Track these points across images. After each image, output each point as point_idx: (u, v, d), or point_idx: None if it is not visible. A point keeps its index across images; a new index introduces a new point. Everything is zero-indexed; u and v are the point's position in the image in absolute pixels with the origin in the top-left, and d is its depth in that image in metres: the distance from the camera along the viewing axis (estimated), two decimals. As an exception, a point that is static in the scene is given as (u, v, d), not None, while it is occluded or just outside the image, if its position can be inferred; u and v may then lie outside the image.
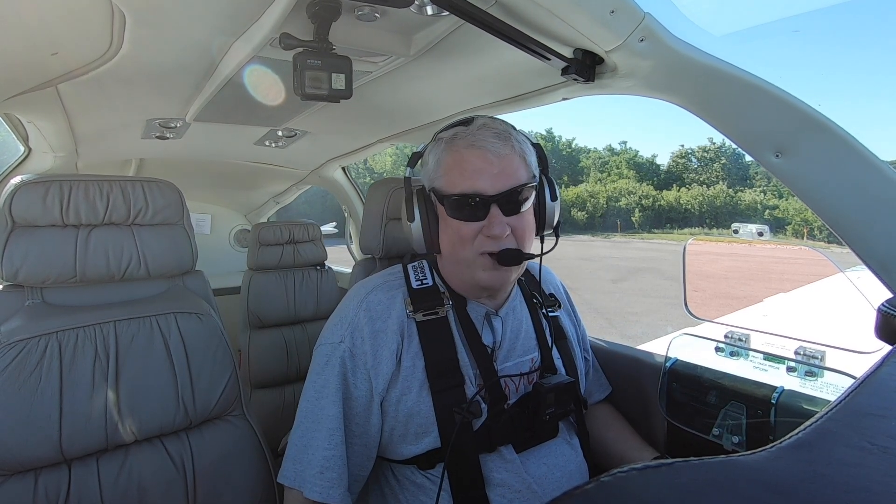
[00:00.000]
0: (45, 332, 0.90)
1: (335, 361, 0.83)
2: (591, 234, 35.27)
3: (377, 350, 0.82)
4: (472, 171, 0.79)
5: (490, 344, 0.87)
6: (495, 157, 0.79)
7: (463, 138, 0.81)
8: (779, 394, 0.91)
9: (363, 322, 0.83)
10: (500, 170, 0.79)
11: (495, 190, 0.79)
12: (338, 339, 0.84)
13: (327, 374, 0.83)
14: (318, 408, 0.81)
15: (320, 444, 0.79)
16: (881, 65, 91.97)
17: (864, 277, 0.87)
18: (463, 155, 0.80)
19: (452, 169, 0.81)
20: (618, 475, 0.26)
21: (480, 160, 0.79)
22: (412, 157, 0.90)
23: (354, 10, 0.87)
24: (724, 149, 41.77)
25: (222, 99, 1.30)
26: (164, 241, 1.11)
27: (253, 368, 2.15)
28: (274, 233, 2.29)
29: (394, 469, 0.86)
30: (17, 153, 1.77)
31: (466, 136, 0.81)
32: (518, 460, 0.83)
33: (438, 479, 0.80)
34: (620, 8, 0.80)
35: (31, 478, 0.86)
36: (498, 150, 0.79)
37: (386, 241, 1.18)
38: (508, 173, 0.80)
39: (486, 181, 0.79)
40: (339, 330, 0.85)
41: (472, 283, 0.85)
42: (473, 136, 0.80)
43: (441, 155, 0.83)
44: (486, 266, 0.81)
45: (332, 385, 0.81)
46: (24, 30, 0.89)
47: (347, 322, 0.85)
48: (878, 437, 0.30)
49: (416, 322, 0.84)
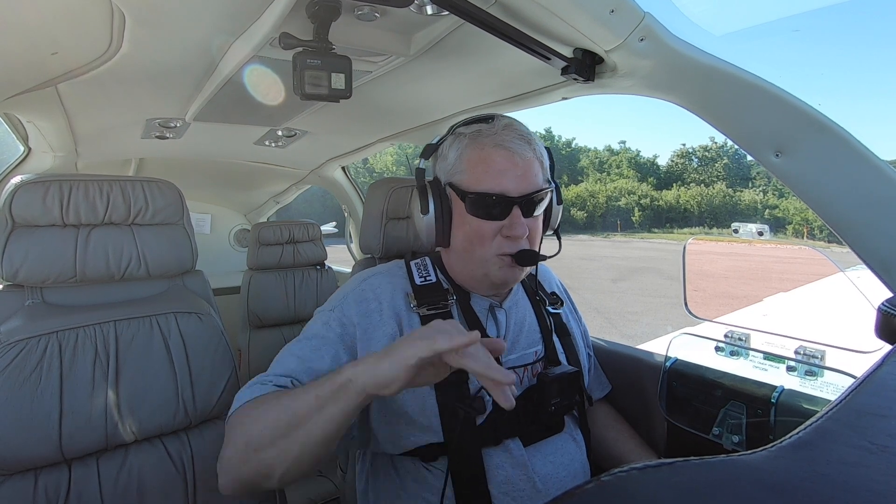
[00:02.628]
0: (45, 332, 0.90)
1: (324, 326, 0.82)
2: (591, 234, 35.28)
3: (368, 327, 0.82)
4: (498, 172, 0.80)
5: (494, 336, 0.87)
6: (520, 159, 0.80)
7: (488, 136, 0.81)
8: (779, 393, 0.91)
9: (357, 299, 0.84)
10: (524, 172, 0.80)
11: (519, 192, 0.80)
12: (330, 307, 0.85)
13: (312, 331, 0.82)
14: (306, 349, 0.79)
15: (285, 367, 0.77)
16: (881, 64, 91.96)
17: (864, 277, 0.87)
18: (489, 153, 0.81)
19: (477, 166, 0.81)
20: (618, 475, 0.26)
21: (506, 161, 0.80)
22: (426, 148, 0.90)
23: (354, 10, 0.87)
24: (725, 148, 41.79)
25: (222, 99, 1.30)
26: (164, 240, 1.11)
27: (253, 368, 2.16)
28: (274, 232, 2.29)
29: (395, 462, 0.86)
30: (17, 153, 1.77)
31: (491, 134, 0.82)
32: (525, 455, 0.82)
33: (440, 472, 0.80)
34: (620, 7, 0.80)
35: (31, 477, 0.86)
36: (523, 152, 0.81)
37: (386, 241, 1.18)
38: (530, 176, 0.81)
39: (511, 182, 0.80)
40: (334, 300, 0.86)
41: (484, 279, 0.85)
42: (499, 136, 0.81)
43: (464, 150, 0.83)
44: (501, 265, 0.82)
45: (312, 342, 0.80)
46: (24, 30, 0.89)
47: (342, 295, 0.86)
48: (879, 436, 0.30)
49: (420, 316, 0.84)
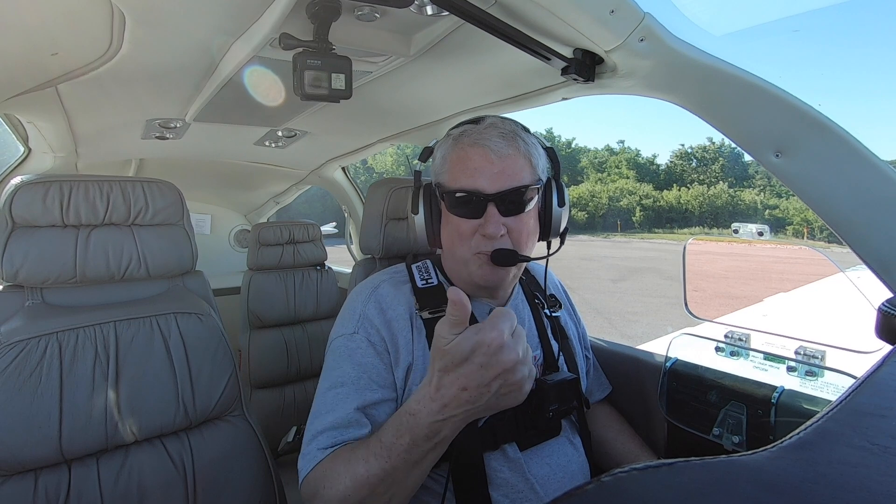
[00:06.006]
0: (45, 333, 0.90)
1: (355, 352, 0.80)
2: (591, 234, 35.28)
3: (394, 336, 0.81)
4: (473, 169, 0.80)
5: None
6: (496, 156, 0.80)
7: (469, 136, 0.82)
8: (779, 394, 0.91)
9: (374, 313, 0.83)
10: (501, 169, 0.79)
11: (493, 189, 0.79)
12: (351, 330, 0.82)
13: (345, 364, 0.79)
14: (336, 396, 0.77)
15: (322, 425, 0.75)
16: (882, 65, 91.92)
17: (864, 277, 0.87)
18: (467, 152, 0.81)
19: (455, 165, 0.82)
20: (618, 475, 0.26)
21: (481, 158, 0.80)
22: (423, 151, 0.91)
23: (354, 10, 0.87)
24: (723, 149, 41.78)
25: (222, 99, 1.30)
26: (164, 241, 1.11)
27: (253, 368, 2.15)
28: (274, 233, 2.29)
29: None
30: (17, 153, 1.77)
31: (472, 133, 0.82)
32: (522, 459, 0.82)
33: (441, 477, 0.80)
34: (620, 8, 0.80)
35: (31, 478, 0.86)
36: (500, 149, 0.80)
37: (386, 241, 1.18)
38: (509, 174, 0.80)
39: (485, 179, 0.79)
40: (351, 323, 0.83)
41: (469, 280, 0.85)
42: (479, 135, 0.81)
43: (447, 151, 0.84)
44: (480, 264, 0.81)
45: (351, 373, 0.78)
46: (24, 30, 0.89)
47: (357, 315, 0.84)
48: (879, 437, 0.30)
49: (423, 319, 0.84)
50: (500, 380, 0.59)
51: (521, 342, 0.61)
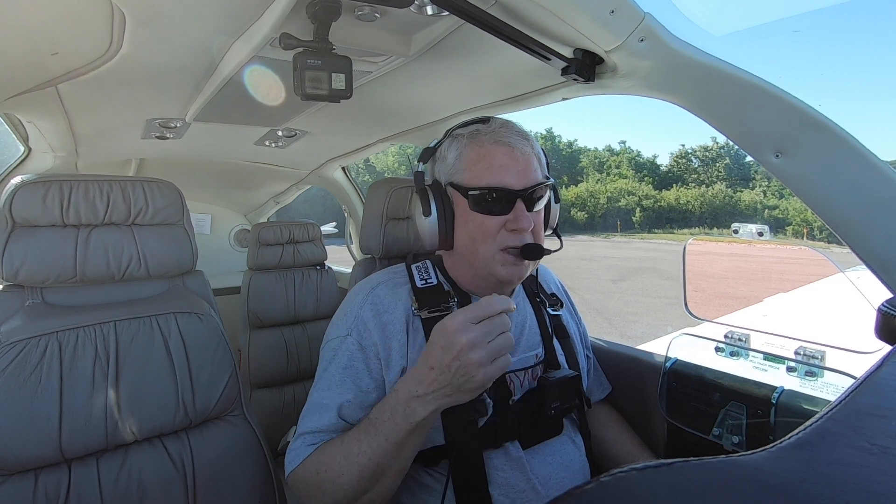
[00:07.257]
0: (45, 332, 0.90)
1: (342, 355, 0.82)
2: (591, 234, 35.27)
3: (387, 341, 0.82)
4: (499, 166, 0.81)
5: None
6: (520, 153, 0.81)
7: (486, 134, 0.83)
8: (779, 394, 0.91)
9: (369, 315, 0.83)
10: (524, 166, 0.81)
11: (521, 185, 0.80)
12: (344, 332, 0.84)
13: (333, 368, 0.82)
14: (322, 399, 0.81)
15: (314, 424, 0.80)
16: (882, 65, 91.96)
17: (864, 277, 0.87)
18: (489, 150, 0.82)
19: (477, 163, 0.82)
20: (618, 475, 0.26)
21: (506, 156, 0.81)
22: (424, 152, 0.91)
23: (354, 10, 0.87)
24: (725, 149, 41.78)
25: (222, 99, 1.30)
26: (164, 241, 1.11)
27: (253, 368, 2.16)
28: (274, 233, 2.29)
29: None
30: (17, 153, 1.77)
31: (489, 132, 0.83)
32: (524, 457, 0.82)
33: (441, 476, 0.80)
34: (620, 8, 0.80)
35: (31, 478, 0.86)
36: (522, 147, 0.82)
37: (386, 241, 1.18)
38: (530, 171, 0.82)
39: (512, 176, 0.80)
40: (345, 324, 0.85)
41: (489, 278, 0.84)
42: (497, 133, 0.82)
43: (463, 150, 0.84)
44: (505, 261, 0.82)
45: (337, 377, 0.81)
46: (24, 30, 0.89)
47: (353, 316, 0.84)
48: (878, 437, 0.30)
49: (422, 319, 0.84)
50: (457, 361, 0.65)
51: (485, 329, 0.66)
